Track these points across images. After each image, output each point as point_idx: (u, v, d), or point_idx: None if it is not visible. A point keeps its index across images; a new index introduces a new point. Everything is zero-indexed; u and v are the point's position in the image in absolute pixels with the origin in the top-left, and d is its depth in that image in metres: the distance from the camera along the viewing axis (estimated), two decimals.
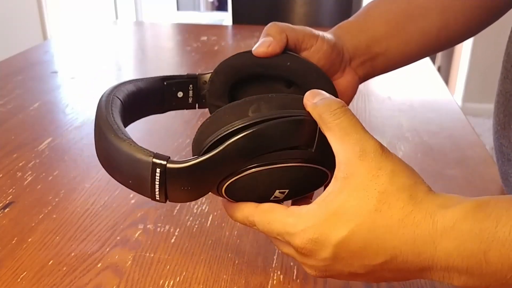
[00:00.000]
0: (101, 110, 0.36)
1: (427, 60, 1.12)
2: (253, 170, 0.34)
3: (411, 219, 0.30)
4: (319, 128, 0.34)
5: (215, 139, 0.34)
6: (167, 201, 0.34)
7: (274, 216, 0.34)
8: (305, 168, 0.35)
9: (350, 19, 0.53)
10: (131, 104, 0.40)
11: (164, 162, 0.32)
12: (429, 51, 0.54)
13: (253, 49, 0.42)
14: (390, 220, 0.31)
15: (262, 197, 0.36)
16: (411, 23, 0.51)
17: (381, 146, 0.33)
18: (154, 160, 0.32)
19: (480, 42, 2.94)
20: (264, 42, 0.42)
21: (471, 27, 0.54)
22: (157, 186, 0.33)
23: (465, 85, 3.05)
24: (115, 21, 1.57)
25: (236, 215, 0.37)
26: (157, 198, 0.34)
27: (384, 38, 0.50)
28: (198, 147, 0.35)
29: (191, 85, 0.45)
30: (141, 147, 0.33)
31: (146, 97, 0.42)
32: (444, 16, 0.51)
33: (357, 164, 0.32)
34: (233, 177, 0.34)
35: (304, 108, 0.35)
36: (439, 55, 3.24)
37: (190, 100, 0.45)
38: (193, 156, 0.34)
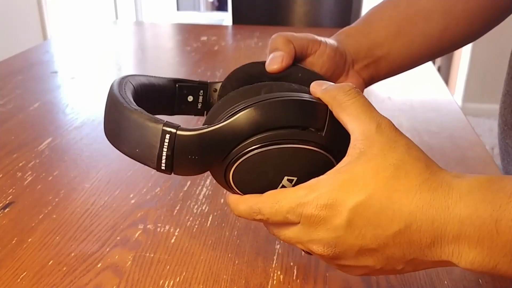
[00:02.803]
0: (114, 86, 0.36)
1: None
2: (263, 149, 0.33)
3: (427, 185, 0.31)
4: (330, 114, 0.34)
5: (227, 114, 0.34)
6: (172, 173, 0.34)
7: (282, 195, 0.33)
8: (314, 153, 0.35)
9: (352, 25, 0.53)
10: (142, 93, 0.40)
11: (174, 130, 0.32)
12: (432, 54, 0.55)
13: (266, 65, 0.43)
14: (407, 185, 0.31)
15: (270, 185, 0.35)
16: (413, 26, 0.51)
17: (393, 123, 0.34)
18: (164, 127, 0.32)
19: (480, 42, 2.94)
20: (276, 58, 0.42)
21: (472, 31, 0.54)
22: (164, 153, 0.33)
23: (465, 85, 3.05)
24: (115, 21, 1.57)
25: (240, 208, 0.36)
26: (163, 168, 0.33)
27: (385, 42, 0.51)
28: (209, 123, 0.35)
29: (201, 91, 0.45)
30: (151, 115, 0.33)
31: (157, 93, 0.43)
32: (446, 20, 0.52)
33: (374, 137, 0.32)
34: (241, 157, 0.34)
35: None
36: None
37: (199, 105, 0.45)
38: None
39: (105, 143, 0.69)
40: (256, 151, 0.34)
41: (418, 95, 0.91)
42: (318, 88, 0.36)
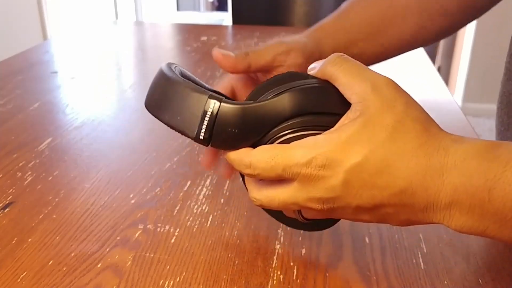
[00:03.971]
0: (163, 65, 0.38)
1: (427, 60, 1.12)
2: (303, 132, 0.34)
3: (423, 150, 0.31)
4: None
5: (272, 93, 0.35)
6: (208, 144, 0.34)
7: (278, 151, 0.33)
8: None
9: (329, 18, 0.53)
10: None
11: (218, 101, 0.33)
12: (405, 51, 0.55)
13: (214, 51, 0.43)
14: (403, 148, 0.31)
15: None
16: (390, 26, 0.52)
17: (393, 80, 0.33)
18: (210, 98, 0.33)
19: (480, 42, 2.94)
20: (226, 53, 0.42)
21: (447, 28, 0.55)
22: (205, 123, 0.33)
23: (465, 85, 3.05)
24: (115, 21, 1.57)
25: (231, 155, 0.35)
26: (201, 138, 0.34)
27: (361, 41, 0.51)
28: (254, 98, 0.36)
29: None
30: (198, 86, 0.34)
31: None
32: (423, 18, 0.52)
33: (370, 98, 0.32)
34: (280, 138, 0.34)
35: None
36: (439, 55, 3.24)
37: None
38: None
39: (105, 143, 0.69)
40: (297, 133, 0.34)
41: (418, 95, 0.91)
42: (313, 72, 0.36)
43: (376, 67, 0.50)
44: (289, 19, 1.58)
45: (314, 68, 0.36)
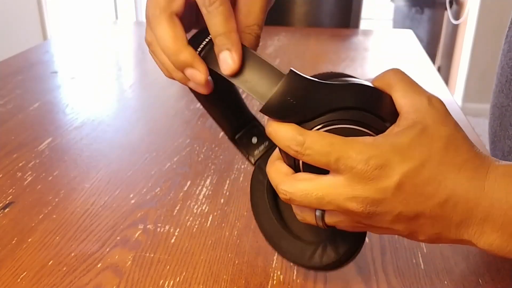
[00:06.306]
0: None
1: (427, 60, 1.12)
2: (356, 126, 0.34)
3: (471, 163, 0.32)
4: None
5: (339, 79, 0.35)
6: (262, 107, 0.33)
7: (336, 140, 0.32)
8: None
9: None
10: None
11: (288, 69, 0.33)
12: None
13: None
14: (455, 160, 0.32)
15: None
16: None
17: (443, 102, 0.35)
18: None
19: (480, 42, 2.94)
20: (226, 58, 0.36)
21: None
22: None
23: (465, 85, 3.05)
24: (115, 21, 1.57)
25: (281, 130, 0.33)
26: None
27: None
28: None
29: (267, 142, 0.45)
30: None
31: (238, 107, 0.45)
32: None
33: (427, 110, 0.33)
34: (331, 125, 0.33)
35: None
36: (439, 55, 3.24)
37: (256, 154, 0.46)
38: None
39: (105, 143, 0.69)
40: (350, 126, 0.33)
41: None
42: (374, 80, 0.36)
43: (376, 67, 0.50)
44: (289, 19, 1.58)
45: (376, 77, 0.37)
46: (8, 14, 2.39)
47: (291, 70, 0.33)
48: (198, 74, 0.35)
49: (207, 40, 0.37)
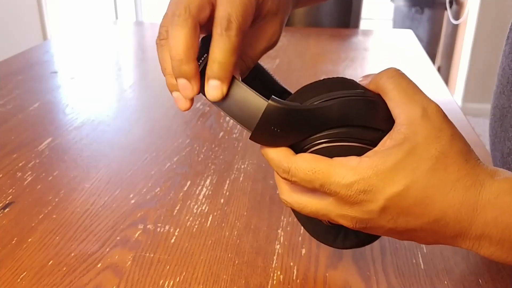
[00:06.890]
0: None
1: (427, 60, 1.12)
2: (346, 143, 0.33)
3: (462, 183, 0.31)
4: None
5: (319, 99, 0.34)
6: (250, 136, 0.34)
7: (319, 165, 0.33)
8: None
9: None
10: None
11: (266, 100, 0.33)
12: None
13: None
14: (444, 180, 0.31)
15: None
16: None
17: (441, 109, 0.33)
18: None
19: (480, 42, 2.94)
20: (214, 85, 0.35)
21: None
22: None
23: (465, 85, 3.05)
24: (115, 21, 1.57)
25: (270, 153, 0.35)
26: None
27: None
28: (299, 99, 0.35)
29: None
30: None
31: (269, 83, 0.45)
32: None
33: (419, 124, 0.32)
34: (319, 145, 0.34)
35: None
36: (439, 55, 3.25)
37: None
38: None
39: (105, 143, 0.69)
40: (339, 143, 0.33)
41: None
42: (365, 82, 0.35)
43: (376, 67, 0.50)
44: (289, 19, 1.58)
45: (367, 78, 0.36)
46: (8, 14, 2.39)
47: (271, 99, 0.33)
48: (190, 91, 0.35)
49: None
